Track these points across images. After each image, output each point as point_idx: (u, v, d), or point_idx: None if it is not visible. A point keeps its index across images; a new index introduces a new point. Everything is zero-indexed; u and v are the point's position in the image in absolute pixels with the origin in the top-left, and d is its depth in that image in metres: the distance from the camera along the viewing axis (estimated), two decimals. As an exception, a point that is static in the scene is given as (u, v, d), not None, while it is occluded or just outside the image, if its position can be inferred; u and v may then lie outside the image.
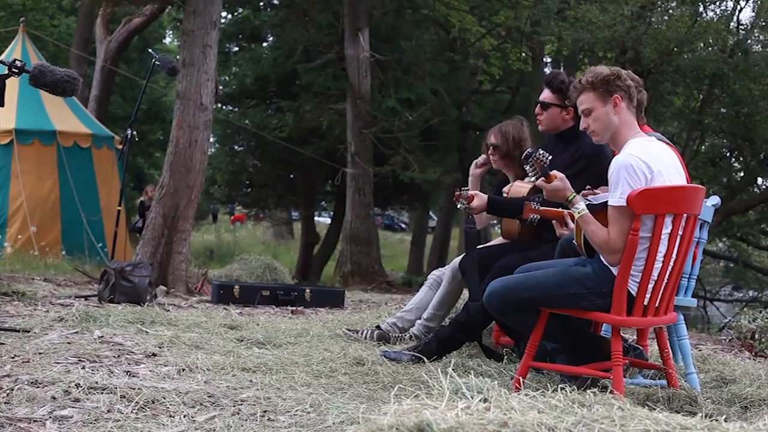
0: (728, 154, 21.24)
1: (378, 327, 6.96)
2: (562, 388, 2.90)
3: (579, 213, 4.73)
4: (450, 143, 22.63)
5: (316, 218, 26.99)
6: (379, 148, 18.20)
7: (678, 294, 5.27)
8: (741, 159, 20.78)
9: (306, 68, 18.63)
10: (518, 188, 6.42)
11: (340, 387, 5.00)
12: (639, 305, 4.70)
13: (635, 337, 6.36)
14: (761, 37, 18.24)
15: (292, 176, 22.36)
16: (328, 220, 34.94)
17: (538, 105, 6.26)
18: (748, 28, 18.69)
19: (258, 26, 21.09)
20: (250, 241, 36.26)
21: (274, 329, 6.97)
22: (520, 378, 4.89)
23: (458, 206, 6.06)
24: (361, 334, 6.90)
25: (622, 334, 5.70)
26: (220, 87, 11.40)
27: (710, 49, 16.83)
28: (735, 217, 20.39)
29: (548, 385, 4.07)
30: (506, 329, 6.62)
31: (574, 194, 4.78)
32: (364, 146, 17.83)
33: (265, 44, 22.88)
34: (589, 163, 5.95)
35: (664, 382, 5.25)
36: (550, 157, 4.77)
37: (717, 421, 2.59)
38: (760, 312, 10.38)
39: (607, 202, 4.77)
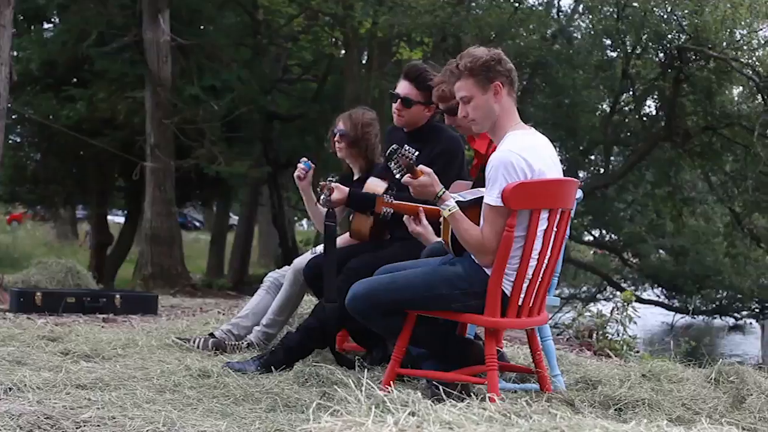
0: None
1: (211, 335, 6.83)
2: (488, 398, 2.86)
3: (449, 211, 4.71)
4: (254, 134, 22.44)
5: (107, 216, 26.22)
6: (181, 140, 17.83)
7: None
8: (563, 151, 21.41)
9: (100, 53, 18.05)
10: (374, 186, 6.39)
11: (189, 403, 4.88)
12: (513, 306, 4.74)
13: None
14: (582, 24, 18.83)
15: (82, 171, 21.67)
16: (118, 219, 34.15)
17: (399, 101, 6.20)
18: (569, 14, 19.26)
19: (43, 6, 20.31)
20: (30, 243, 35.01)
21: (97, 340, 6.74)
22: (388, 386, 4.85)
23: (321, 198, 5.97)
24: (194, 342, 6.74)
25: (478, 334, 5.76)
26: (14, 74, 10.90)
27: (532, 36, 17.26)
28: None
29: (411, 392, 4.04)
30: (356, 336, 6.59)
31: (444, 190, 4.76)
32: (165, 138, 17.43)
33: (51, 25, 22.08)
34: (451, 159, 6.00)
35: (531, 385, 5.33)
36: (417, 153, 4.73)
37: (658, 426, 2.60)
38: (595, 310, 10.71)
39: (477, 199, 4.78)
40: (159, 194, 17.35)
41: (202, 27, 20.13)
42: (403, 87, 6.21)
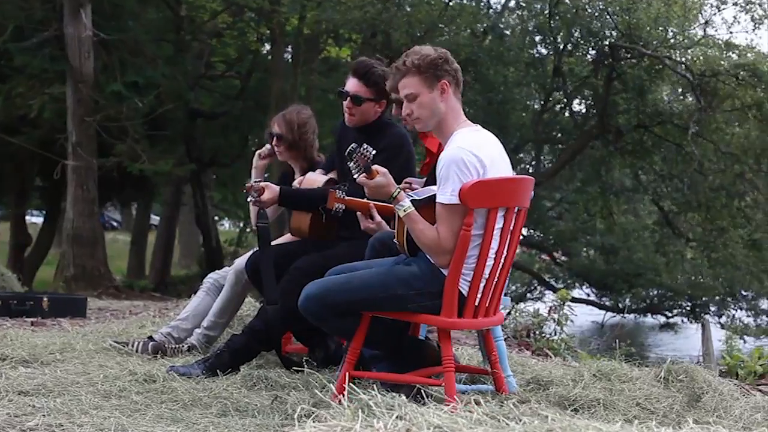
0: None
1: (151, 338, 6.73)
2: (476, 402, 2.84)
3: (405, 211, 4.69)
4: (177, 132, 22.26)
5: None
6: (103, 138, 17.57)
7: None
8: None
9: (19, 48, 17.70)
10: (312, 180, 6.35)
11: (137, 408, 4.81)
12: (470, 306, 4.73)
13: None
14: (511, 21, 18.90)
15: (-1, 169, 21.31)
16: (34, 219, 33.63)
17: (349, 99, 6.15)
18: (500, 11, 19.33)
19: (-45, -1, 19.89)
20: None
21: (32, 345, 6.59)
22: (341, 389, 4.81)
23: (248, 199, 5.90)
24: (132, 346, 6.63)
25: (428, 336, 5.75)
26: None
27: (462, 32, 17.28)
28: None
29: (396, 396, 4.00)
30: (300, 337, 6.55)
31: (399, 190, 4.74)
32: (87, 135, 17.19)
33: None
34: (395, 155, 5.96)
35: (485, 386, 5.32)
36: (374, 152, 4.71)
37: (647, 427, 2.60)
38: (532, 309, 10.77)
39: (431, 197, 4.76)
40: (81, 193, 17.10)
41: (127, 22, 19.85)
42: (352, 84, 6.15)
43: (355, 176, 4.73)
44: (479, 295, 4.74)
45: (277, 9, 18.64)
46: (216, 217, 35.39)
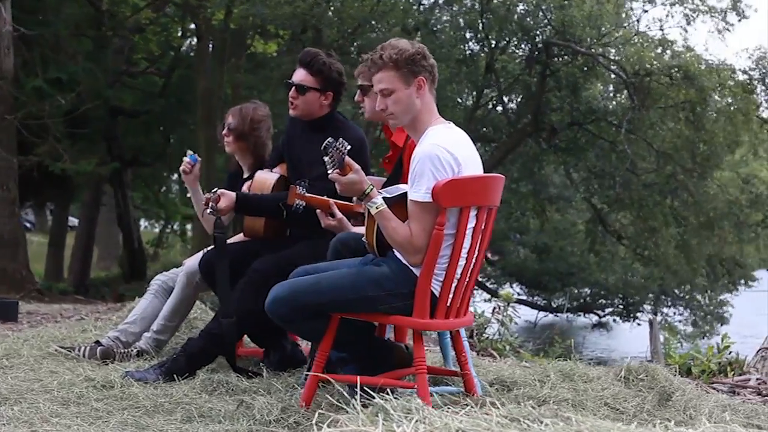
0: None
1: (98, 342, 6.59)
2: (490, 404, 2.80)
3: (377, 208, 4.64)
4: (98, 131, 21.98)
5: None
6: (23, 136, 17.27)
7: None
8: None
9: (-66, 44, 17.36)
10: (263, 178, 6.26)
11: (99, 416, 4.72)
12: (442, 306, 4.70)
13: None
14: (443, 17, 18.90)
15: None
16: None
17: (293, 88, 6.09)
18: (430, 6, 19.32)
19: None
20: None
21: (-27, 351, 6.45)
22: (309, 395, 4.77)
23: (207, 211, 5.80)
24: (79, 351, 6.50)
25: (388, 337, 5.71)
26: None
27: (395, 29, 17.23)
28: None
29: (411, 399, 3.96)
30: (255, 339, 6.48)
31: (372, 187, 4.70)
32: (8, 134, 16.89)
33: None
34: (354, 157, 5.90)
35: (453, 388, 5.30)
36: (349, 147, 4.65)
37: (666, 426, 2.59)
38: (472, 309, 10.79)
39: (402, 195, 4.73)
40: (2, 194, 16.79)
41: (43, 17, 19.56)
42: (297, 74, 6.09)
43: (329, 171, 4.67)
44: (451, 296, 4.71)
45: (204, 3, 18.47)
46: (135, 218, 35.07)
